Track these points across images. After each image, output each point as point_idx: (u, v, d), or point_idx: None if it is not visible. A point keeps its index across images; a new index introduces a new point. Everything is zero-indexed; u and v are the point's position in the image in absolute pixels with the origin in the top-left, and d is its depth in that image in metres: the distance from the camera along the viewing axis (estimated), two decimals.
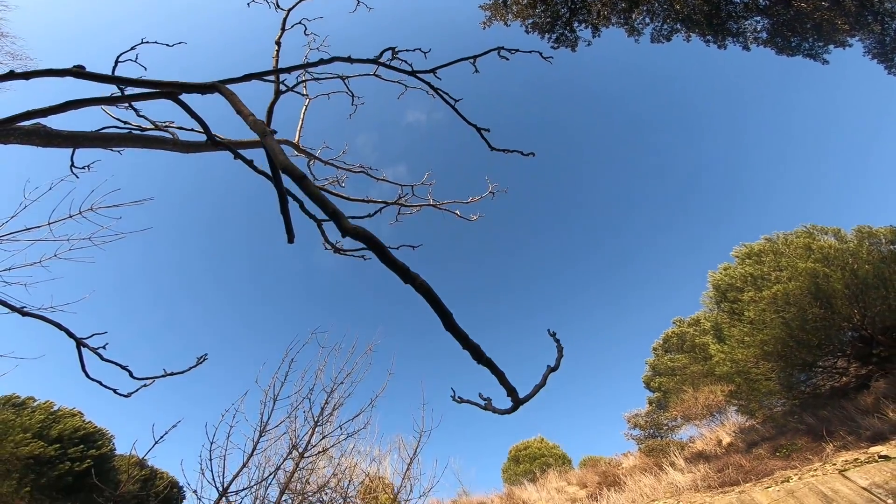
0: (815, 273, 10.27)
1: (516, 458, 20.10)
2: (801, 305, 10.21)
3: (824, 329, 10.14)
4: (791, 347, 10.53)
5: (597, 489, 11.88)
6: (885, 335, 9.89)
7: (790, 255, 11.50)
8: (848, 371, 10.63)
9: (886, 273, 9.84)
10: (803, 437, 8.66)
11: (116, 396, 3.14)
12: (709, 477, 8.82)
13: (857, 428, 7.69)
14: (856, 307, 9.94)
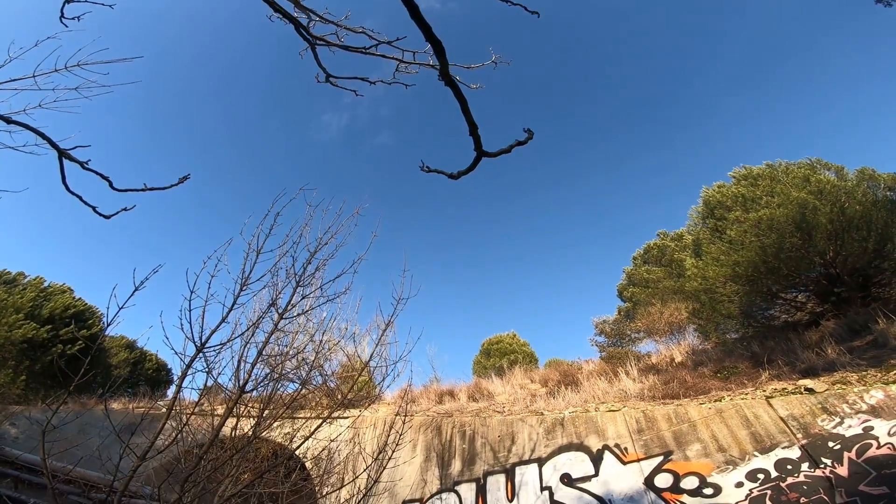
0: (804, 203, 10.35)
1: (488, 352, 21.86)
2: (783, 233, 10.44)
3: (797, 260, 10.53)
4: (761, 273, 11.01)
5: (555, 387, 13.22)
6: (851, 277, 10.33)
7: (786, 184, 11.45)
8: (805, 307, 11.28)
9: (874, 217, 9.96)
10: (745, 363, 9.50)
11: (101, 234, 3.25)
12: (655, 388, 9.77)
13: (795, 360, 8.41)
14: (833, 244, 10.21)
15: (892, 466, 5.15)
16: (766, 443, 6.18)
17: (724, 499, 5.95)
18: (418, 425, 10.20)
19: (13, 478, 5.35)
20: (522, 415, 9.51)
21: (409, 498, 8.61)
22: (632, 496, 6.61)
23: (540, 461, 8.01)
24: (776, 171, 12.25)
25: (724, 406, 7.18)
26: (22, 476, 5.50)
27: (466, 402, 12.84)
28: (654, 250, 20.64)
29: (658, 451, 7.02)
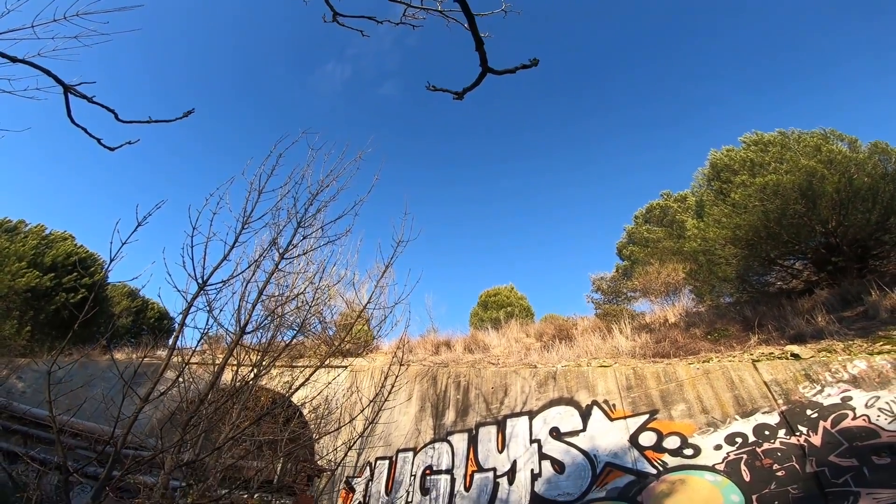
0: (813, 172, 10.18)
1: (485, 304, 22.23)
2: (787, 199, 10.34)
3: (798, 227, 10.47)
4: (761, 238, 10.99)
5: (550, 341, 13.59)
6: (851, 247, 10.30)
7: (796, 151, 11.21)
8: (801, 274, 11.33)
9: (881, 189, 9.82)
10: (736, 326, 9.68)
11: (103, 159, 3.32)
12: (647, 347, 10.01)
13: (785, 326, 8.56)
14: (836, 214, 10.12)
15: (865, 439, 5.32)
16: (748, 407, 6.39)
17: (702, 460, 6.20)
18: (414, 375, 10.54)
19: (22, 434, 5.60)
20: (516, 367, 9.78)
21: (403, 447, 9.06)
22: (616, 452, 6.90)
23: (531, 414, 8.29)
24: (788, 138, 11.95)
25: (711, 367, 7.33)
26: (31, 431, 5.75)
27: (462, 354, 13.22)
28: (657, 210, 20.47)
29: (644, 410, 7.24)
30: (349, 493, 8.84)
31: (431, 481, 8.28)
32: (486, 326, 17.05)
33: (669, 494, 6.14)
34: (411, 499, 8.22)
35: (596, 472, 6.89)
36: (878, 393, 5.58)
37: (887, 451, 5.11)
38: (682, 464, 6.33)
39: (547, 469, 7.35)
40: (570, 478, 7.04)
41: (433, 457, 8.63)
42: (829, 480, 5.30)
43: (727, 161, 12.79)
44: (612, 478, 6.72)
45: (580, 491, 6.81)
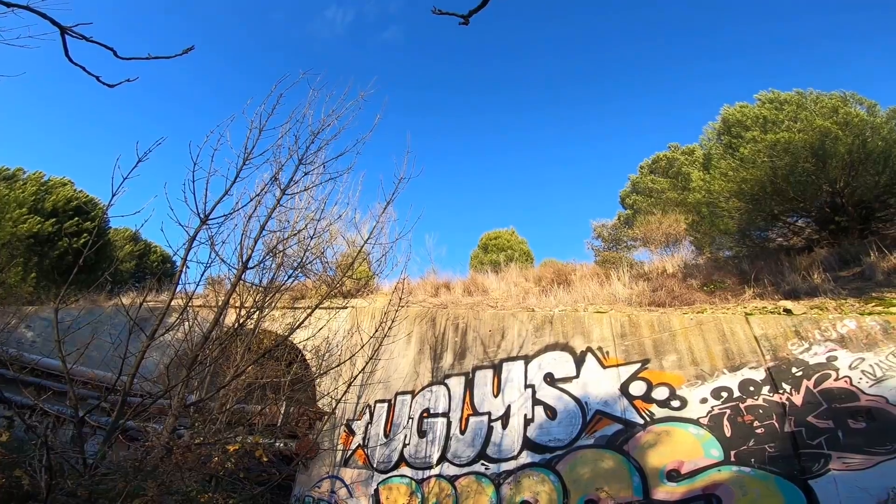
0: (827, 132, 9.92)
1: (486, 247, 22.31)
2: (797, 157, 10.16)
3: (805, 185, 10.34)
4: (767, 193, 10.88)
5: (548, 286, 13.78)
6: (855, 208, 10.19)
7: (813, 111, 10.82)
8: (803, 232, 11.28)
9: (894, 154, 9.61)
10: (733, 279, 9.77)
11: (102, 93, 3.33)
12: (643, 295, 10.14)
13: (781, 281, 8.64)
14: (845, 174, 9.97)
15: (844, 401, 5.48)
16: (737, 361, 6.55)
17: (687, 413, 6.39)
18: (414, 316, 10.77)
19: (35, 386, 5.76)
20: (514, 310, 9.93)
21: (402, 389, 9.44)
22: (606, 401, 7.14)
23: (526, 359, 8.48)
24: (805, 98, 11.48)
25: (704, 318, 7.40)
26: (43, 383, 5.92)
27: (461, 296, 13.45)
28: (663, 161, 20.07)
29: (637, 359, 7.38)
30: (349, 436, 9.35)
31: (428, 424, 8.68)
32: (485, 269, 17.22)
33: (654, 445, 6.40)
34: (409, 441, 8.66)
35: (586, 420, 7.10)
36: (863, 354, 5.71)
37: (864, 416, 5.30)
38: (668, 415, 6.53)
39: (539, 414, 7.59)
40: (562, 424, 7.28)
41: (431, 400, 9.00)
42: (804, 441, 5.49)
43: (739, 117, 12.37)
44: (601, 426, 6.92)
45: (570, 437, 7.06)
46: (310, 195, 6.32)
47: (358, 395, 9.68)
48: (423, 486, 7.98)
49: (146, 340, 3.56)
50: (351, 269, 9.09)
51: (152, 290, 12.93)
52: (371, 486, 8.49)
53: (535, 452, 7.29)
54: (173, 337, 5.06)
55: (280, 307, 10.00)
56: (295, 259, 6.32)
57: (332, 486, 8.84)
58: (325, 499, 8.75)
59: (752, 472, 5.64)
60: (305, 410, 8.56)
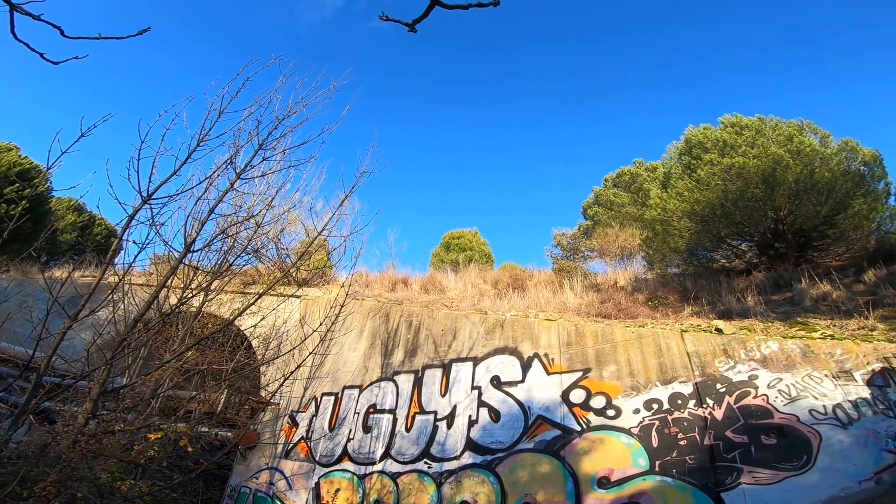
0: (779, 160, 10.53)
1: (448, 245, 22.43)
2: (748, 182, 10.76)
3: (752, 210, 10.97)
4: (716, 216, 11.48)
5: (504, 289, 14.03)
6: (795, 236, 10.91)
7: (769, 138, 11.47)
8: (744, 255, 11.98)
9: (838, 185, 10.33)
10: (676, 296, 10.26)
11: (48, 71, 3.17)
12: (592, 306, 10.50)
13: (717, 301, 9.15)
14: (790, 203, 10.62)
15: (759, 417, 5.87)
16: (669, 375, 6.89)
17: (621, 422, 6.68)
18: (368, 310, 10.71)
19: None
20: (468, 312, 10.04)
21: (350, 383, 9.37)
22: (548, 406, 7.34)
23: (475, 360, 8.60)
24: (765, 125, 12.14)
25: (644, 332, 7.73)
26: None
27: (418, 293, 13.46)
28: (626, 176, 20.80)
29: (580, 367, 7.62)
30: (293, 427, 9.20)
31: (374, 419, 8.67)
32: (445, 268, 17.32)
33: (588, 452, 6.64)
34: (353, 435, 8.62)
35: (528, 424, 7.27)
36: (781, 375, 6.15)
37: (775, 433, 5.71)
38: (603, 423, 6.79)
39: (484, 416, 7.72)
40: (504, 427, 7.43)
41: (378, 395, 8.98)
42: (721, 454, 5.85)
43: (701, 138, 12.92)
44: (541, 430, 7.11)
45: (511, 440, 7.22)
46: (268, 181, 6.18)
47: (304, 386, 9.55)
48: (365, 481, 7.97)
49: (69, 319, 3.39)
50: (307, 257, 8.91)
51: (91, 264, 12.33)
52: (312, 479, 8.41)
53: (477, 453, 7.41)
54: (111, 317, 4.84)
55: (230, 291, 9.75)
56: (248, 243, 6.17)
57: (271, 478, 8.70)
58: (263, 490, 8.60)
59: (672, 483, 5.95)
60: (248, 400, 8.36)
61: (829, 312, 7.72)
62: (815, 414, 5.67)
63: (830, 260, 10.92)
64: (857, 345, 6.05)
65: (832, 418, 5.58)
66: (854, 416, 5.51)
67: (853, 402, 5.59)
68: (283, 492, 8.46)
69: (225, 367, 6.01)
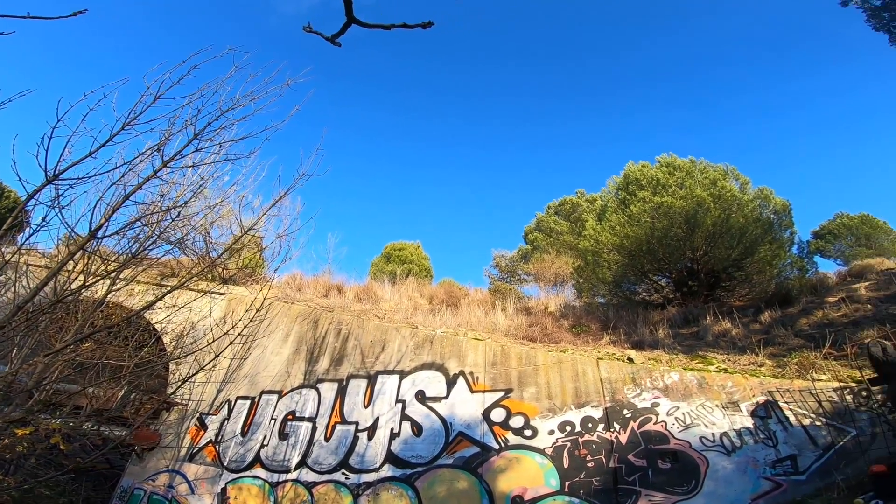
0: (702, 203, 11.46)
1: (389, 256, 22.29)
2: (673, 222, 11.61)
3: (674, 249, 11.84)
4: (642, 251, 12.26)
5: (439, 305, 14.14)
6: (707, 276, 11.92)
7: (697, 181, 12.49)
8: (663, 290, 12.92)
9: (749, 231, 11.38)
10: (597, 324, 10.85)
11: None
12: (520, 328, 10.82)
13: (633, 331, 9.78)
14: (706, 244, 11.59)
15: (658, 442, 6.33)
16: (583, 399, 7.25)
17: (537, 442, 6.91)
18: (296, 314, 10.36)
19: None
20: (399, 325, 9.99)
21: (269, 388, 8.97)
22: (469, 423, 7.45)
23: (402, 374, 8.57)
24: (695, 167, 13.22)
25: (564, 357, 8.09)
26: None
27: (352, 301, 13.22)
28: (568, 205, 21.81)
29: (502, 387, 7.82)
30: (200, 430, 8.64)
31: (292, 427, 8.35)
32: (384, 279, 17.20)
33: (505, 470, 6.79)
34: (268, 442, 8.25)
35: (448, 440, 7.34)
36: (679, 403, 6.66)
37: (670, 458, 6.16)
38: (520, 443, 6.99)
39: (406, 430, 7.70)
40: (426, 441, 7.45)
41: (298, 402, 8.68)
42: (622, 477, 6.21)
43: (638, 175, 13.84)
44: (461, 447, 7.21)
45: (432, 455, 7.24)
46: (199, 173, 5.90)
47: (219, 388, 9.02)
48: (277, 489, 7.64)
49: None
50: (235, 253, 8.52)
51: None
52: (218, 484, 7.94)
53: (396, 467, 7.36)
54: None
55: (145, 282, 9.08)
56: (169, 232, 5.82)
57: (170, 481, 8.11)
58: (160, 493, 8.00)
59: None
60: (151, 398, 7.75)
61: (727, 348, 8.49)
62: (705, 441, 6.17)
63: (735, 300, 12.01)
64: (745, 378, 6.69)
65: (719, 445, 6.10)
66: (738, 444, 6.06)
67: (738, 430, 6.16)
68: (185, 496, 7.91)
69: (127, 362, 5.55)
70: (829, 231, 22.83)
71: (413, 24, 2.34)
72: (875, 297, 9.73)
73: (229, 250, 7.15)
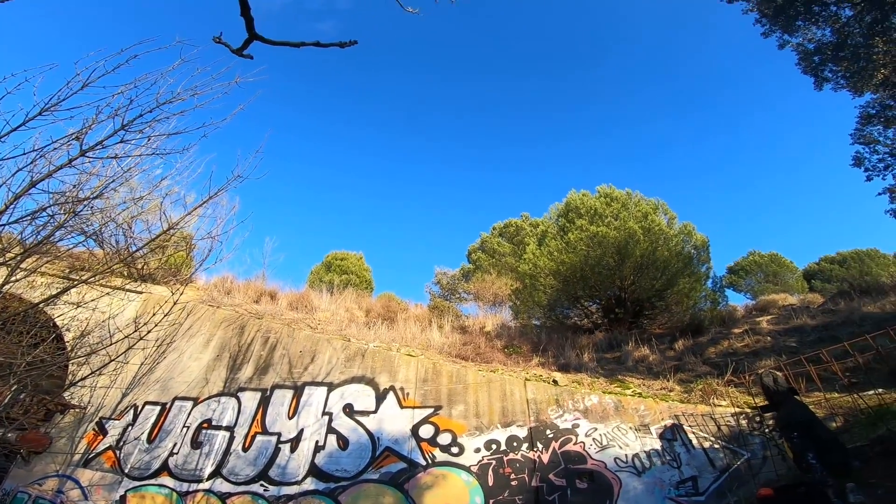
0: (633, 234, 12.20)
1: (329, 265, 21.79)
2: (606, 251, 12.27)
3: (605, 277, 12.49)
4: (576, 278, 12.83)
5: (375, 319, 13.93)
6: (632, 304, 12.70)
7: (631, 213, 13.31)
8: (592, 316, 13.59)
9: (672, 264, 12.25)
10: (529, 346, 11.17)
11: None
12: (454, 346, 10.88)
13: (560, 354, 10.18)
14: (633, 274, 12.35)
15: (576, 462, 6.59)
16: (509, 418, 7.40)
17: (463, 459, 6.95)
18: (221, 320, 9.81)
19: None
20: (332, 336, 9.74)
21: (184, 395, 8.38)
22: (398, 439, 7.35)
23: (331, 386, 8.33)
24: (630, 199, 14.11)
25: (494, 377, 8.23)
26: None
27: (285, 309, 12.73)
28: (512, 227, 22.48)
29: (432, 403, 7.83)
30: (98, 435, 7.90)
31: (207, 435, 7.85)
32: (321, 288, 16.73)
33: (431, 487, 6.76)
34: (178, 450, 7.68)
35: (375, 454, 7.22)
36: (597, 425, 6.99)
37: (587, 477, 6.42)
38: (447, 460, 7.00)
39: (332, 443, 7.49)
40: (352, 455, 7.28)
41: (216, 411, 8.18)
42: (543, 496, 6.38)
43: (578, 204, 14.56)
44: (388, 462, 7.11)
45: (357, 469, 7.08)
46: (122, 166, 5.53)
47: (124, 392, 8.31)
48: (187, 499, 7.15)
49: None
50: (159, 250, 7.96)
51: None
52: (117, 491, 7.32)
53: (320, 480, 7.12)
54: None
55: (50, 274, 8.24)
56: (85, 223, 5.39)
57: (60, 486, 7.40)
58: (48, 498, 7.29)
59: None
60: (43, 399, 6.99)
61: (645, 373, 9.05)
62: (619, 462, 6.50)
63: (655, 328, 12.84)
64: (656, 403, 7.16)
65: (631, 466, 6.44)
66: (647, 465, 6.43)
67: (648, 452, 6.54)
68: (76, 501, 7.22)
69: (18, 360, 5.00)
70: (741, 267, 25.26)
71: (328, 42, 2.33)
72: (775, 329, 10.81)
73: (150, 246, 6.70)
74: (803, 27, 11.01)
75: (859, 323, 9.64)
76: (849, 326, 9.62)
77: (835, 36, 10.64)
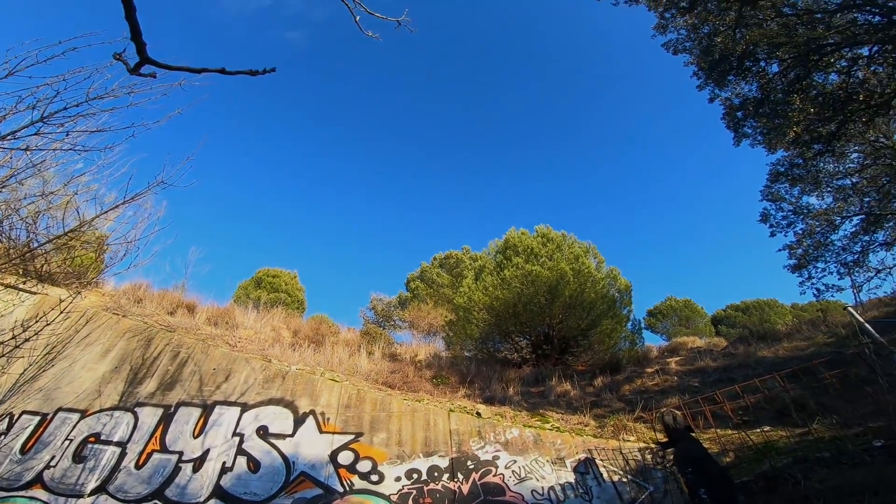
0: (563, 275, 12.76)
1: (259, 281, 20.76)
2: (538, 290, 12.70)
3: (535, 314, 12.89)
4: (509, 314, 13.13)
5: (302, 341, 13.34)
6: (559, 341, 13.18)
7: (564, 254, 13.96)
8: (522, 351, 13.93)
9: (596, 306, 12.91)
10: (457, 377, 11.16)
11: None
12: (381, 374, 10.64)
13: (486, 387, 10.27)
14: (562, 313, 12.88)
15: (496, 494, 6.60)
16: (432, 448, 7.29)
17: (383, 488, 6.73)
18: (125, 329, 8.97)
19: None
20: (251, 356, 9.23)
21: (70, 406, 7.48)
22: (315, 464, 7.00)
23: (245, 407, 7.85)
24: (565, 241, 14.83)
25: (419, 407, 8.14)
26: None
27: (202, 324, 11.90)
28: (453, 259, 22.79)
29: (353, 430, 7.57)
30: None
31: (93, 450, 7.04)
32: (248, 304, 15.85)
33: None
34: (56, 463, 6.83)
35: (289, 479, 6.85)
36: (516, 457, 7.07)
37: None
38: (365, 487, 6.75)
39: (241, 465, 7.01)
40: (263, 479, 6.85)
41: (107, 425, 7.38)
42: None
43: (516, 241, 15.08)
44: (302, 487, 6.75)
45: (268, 493, 6.67)
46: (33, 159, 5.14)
47: (0, 399, 7.31)
48: None
49: None
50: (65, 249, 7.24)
51: None
52: None
53: (224, 502, 6.60)
54: None
55: None
56: None
57: None
58: None
59: None
60: None
61: (565, 407, 9.32)
62: (536, 494, 6.56)
63: (579, 365, 13.36)
64: (572, 437, 7.38)
65: (547, 499, 6.52)
66: (562, 497, 6.55)
67: (563, 485, 6.68)
68: None
69: None
70: (659, 311, 27.26)
71: (235, 70, 2.34)
72: (682, 370, 11.63)
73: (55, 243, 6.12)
74: (733, 82, 11.10)
75: (754, 366, 10.62)
76: (744, 369, 10.57)
77: (759, 92, 10.66)
